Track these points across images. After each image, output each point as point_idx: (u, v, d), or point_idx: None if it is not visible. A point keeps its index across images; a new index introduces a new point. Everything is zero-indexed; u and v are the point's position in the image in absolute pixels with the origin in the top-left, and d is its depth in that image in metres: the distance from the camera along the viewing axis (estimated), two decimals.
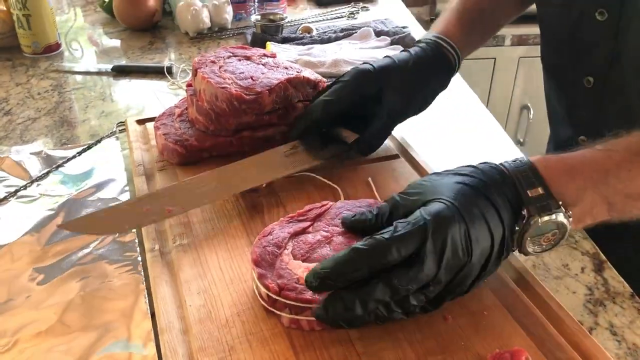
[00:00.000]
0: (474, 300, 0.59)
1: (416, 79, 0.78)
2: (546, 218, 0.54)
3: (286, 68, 0.83)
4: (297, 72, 0.82)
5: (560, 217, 0.54)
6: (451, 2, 0.90)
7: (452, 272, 0.52)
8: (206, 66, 0.80)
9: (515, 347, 0.53)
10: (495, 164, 0.58)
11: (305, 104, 0.83)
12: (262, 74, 0.81)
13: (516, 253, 0.58)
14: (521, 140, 2.24)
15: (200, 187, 0.70)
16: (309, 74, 0.83)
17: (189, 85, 0.84)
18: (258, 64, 0.84)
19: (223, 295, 0.59)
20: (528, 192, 0.54)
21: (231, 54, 0.85)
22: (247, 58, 0.85)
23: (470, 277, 0.53)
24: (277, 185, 0.76)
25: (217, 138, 0.80)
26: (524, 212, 0.54)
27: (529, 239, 0.55)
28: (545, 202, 0.54)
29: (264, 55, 0.86)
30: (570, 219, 0.55)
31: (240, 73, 0.80)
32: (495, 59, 2.16)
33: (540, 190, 0.54)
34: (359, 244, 0.51)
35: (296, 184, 0.77)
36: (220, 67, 0.81)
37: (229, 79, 0.78)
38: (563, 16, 0.81)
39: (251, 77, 0.80)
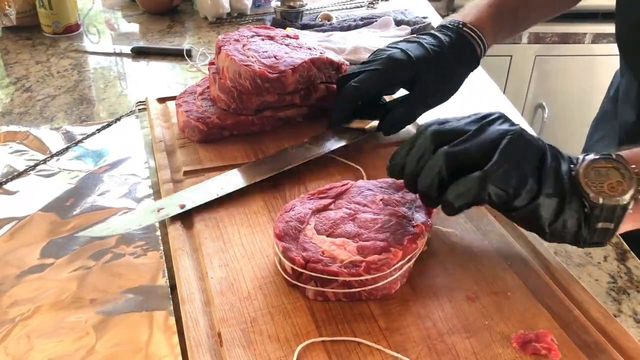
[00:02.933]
0: (498, 282, 0.58)
1: (447, 72, 0.77)
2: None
3: (309, 49, 0.82)
4: (321, 53, 0.82)
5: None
6: None
7: None
8: (230, 44, 0.80)
9: (540, 328, 0.53)
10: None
11: (327, 85, 0.83)
12: (286, 53, 0.80)
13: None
14: None
15: (215, 182, 0.72)
16: (333, 55, 0.83)
17: (211, 63, 0.84)
18: (281, 44, 0.83)
19: (245, 268, 0.59)
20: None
21: (254, 34, 0.84)
22: (271, 38, 0.85)
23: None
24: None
25: (238, 116, 0.79)
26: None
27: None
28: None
29: (287, 36, 0.86)
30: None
31: (263, 52, 0.80)
32: (511, 56, 2.14)
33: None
34: None
35: (317, 164, 0.76)
36: (244, 46, 0.80)
37: (252, 57, 0.78)
38: None
39: (274, 56, 0.79)
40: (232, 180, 0.71)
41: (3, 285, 0.61)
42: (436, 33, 0.80)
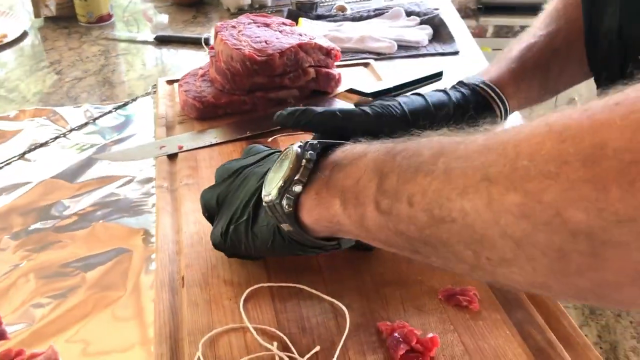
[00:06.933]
0: None
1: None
2: None
3: (300, 35, 0.89)
4: (310, 38, 0.88)
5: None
6: (506, 51, 0.75)
7: None
8: (226, 30, 0.88)
9: (467, 284, 0.58)
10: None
11: (317, 69, 0.90)
12: (277, 39, 0.87)
13: None
14: None
15: (210, 133, 0.82)
16: (322, 41, 0.89)
17: (211, 47, 0.92)
18: (275, 30, 0.91)
19: None
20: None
21: (251, 21, 0.92)
22: (266, 25, 0.92)
23: None
24: (281, 139, 0.83)
25: (231, 96, 0.87)
26: None
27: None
28: None
29: (283, 23, 0.93)
30: None
31: (256, 37, 0.87)
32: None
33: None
34: None
35: (301, 138, 0.83)
36: (239, 32, 0.88)
37: (244, 41, 0.86)
38: None
39: (265, 41, 0.87)
40: (225, 133, 0.84)
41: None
42: (447, 90, 0.71)
